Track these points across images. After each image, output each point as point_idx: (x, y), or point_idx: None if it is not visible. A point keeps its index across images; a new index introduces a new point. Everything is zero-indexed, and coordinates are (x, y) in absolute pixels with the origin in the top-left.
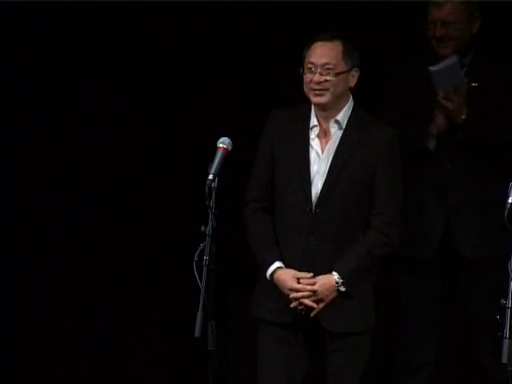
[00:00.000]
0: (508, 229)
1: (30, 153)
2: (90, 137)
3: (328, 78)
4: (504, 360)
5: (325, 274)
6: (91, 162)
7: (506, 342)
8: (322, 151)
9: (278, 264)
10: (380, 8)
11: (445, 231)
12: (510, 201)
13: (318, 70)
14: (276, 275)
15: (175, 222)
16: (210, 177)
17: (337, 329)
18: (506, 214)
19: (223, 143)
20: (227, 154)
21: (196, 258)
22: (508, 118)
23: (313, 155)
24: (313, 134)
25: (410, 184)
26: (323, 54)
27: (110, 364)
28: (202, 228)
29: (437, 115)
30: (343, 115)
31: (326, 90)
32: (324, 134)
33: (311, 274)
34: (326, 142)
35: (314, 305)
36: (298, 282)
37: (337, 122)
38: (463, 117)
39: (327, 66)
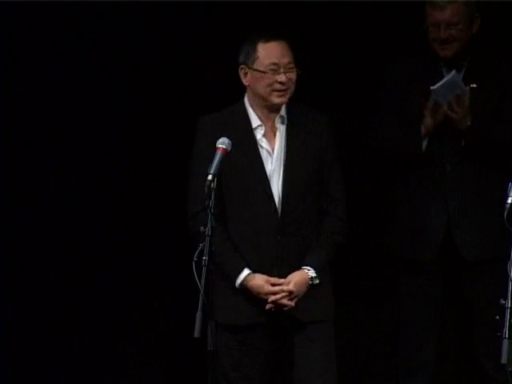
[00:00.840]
0: (508, 229)
1: (30, 152)
2: (89, 137)
3: (292, 76)
4: (503, 360)
5: (295, 269)
6: (91, 162)
7: (506, 342)
8: (273, 149)
9: (247, 271)
10: (380, 8)
11: (446, 233)
12: (509, 201)
13: (282, 70)
14: (248, 282)
15: (175, 221)
16: (210, 177)
17: (307, 318)
18: (505, 215)
19: (223, 144)
20: (227, 155)
21: (195, 258)
22: (508, 119)
23: (264, 155)
24: (259, 135)
25: (410, 186)
26: (283, 54)
27: (109, 364)
28: (202, 228)
29: (424, 116)
30: (283, 110)
31: (288, 89)
32: (271, 133)
33: (283, 280)
34: (275, 140)
35: (292, 303)
36: (272, 285)
37: (281, 117)
38: (468, 124)
39: (290, 66)
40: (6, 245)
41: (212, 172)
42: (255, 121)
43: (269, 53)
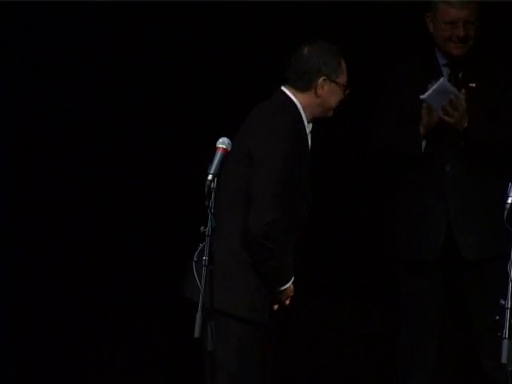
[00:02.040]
0: (508, 229)
1: (30, 152)
2: (90, 137)
3: None
4: (503, 360)
5: None
6: (91, 162)
7: (506, 342)
8: None
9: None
10: (380, 8)
11: (446, 233)
12: (509, 201)
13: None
14: (290, 285)
15: (175, 222)
16: (210, 177)
17: None
18: (505, 215)
19: (223, 143)
20: (227, 154)
21: (195, 258)
22: (507, 119)
23: None
24: (309, 140)
25: (410, 187)
26: None
27: (109, 364)
28: (202, 228)
29: (422, 116)
30: None
31: None
32: None
33: None
34: None
35: None
36: None
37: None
38: (465, 125)
39: None
40: (5, 245)
41: (212, 172)
42: (307, 127)
43: (345, 70)
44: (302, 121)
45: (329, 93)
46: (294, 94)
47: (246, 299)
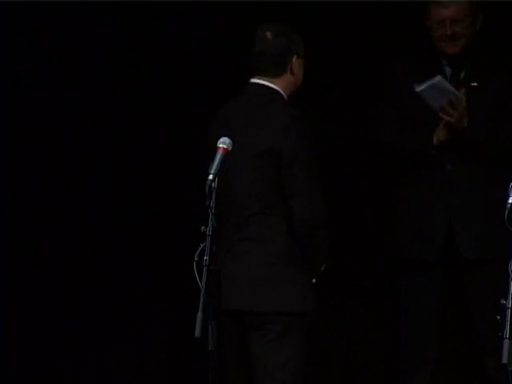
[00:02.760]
0: (508, 229)
1: (31, 152)
2: (89, 137)
3: None
4: (504, 360)
5: None
6: (91, 162)
7: (506, 342)
8: None
9: None
10: (380, 8)
11: (447, 232)
12: (510, 201)
13: None
14: None
15: (175, 222)
16: (210, 177)
17: None
18: (506, 215)
19: (223, 143)
20: (227, 154)
21: (196, 258)
22: (508, 118)
23: None
24: None
25: (410, 186)
26: None
27: (109, 364)
28: (202, 228)
29: (438, 127)
30: None
31: None
32: None
33: None
34: None
35: None
36: None
37: None
38: (465, 125)
39: None
40: (5, 244)
41: (213, 172)
42: None
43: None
44: (289, 105)
45: (299, 68)
46: (271, 82)
47: (302, 293)
